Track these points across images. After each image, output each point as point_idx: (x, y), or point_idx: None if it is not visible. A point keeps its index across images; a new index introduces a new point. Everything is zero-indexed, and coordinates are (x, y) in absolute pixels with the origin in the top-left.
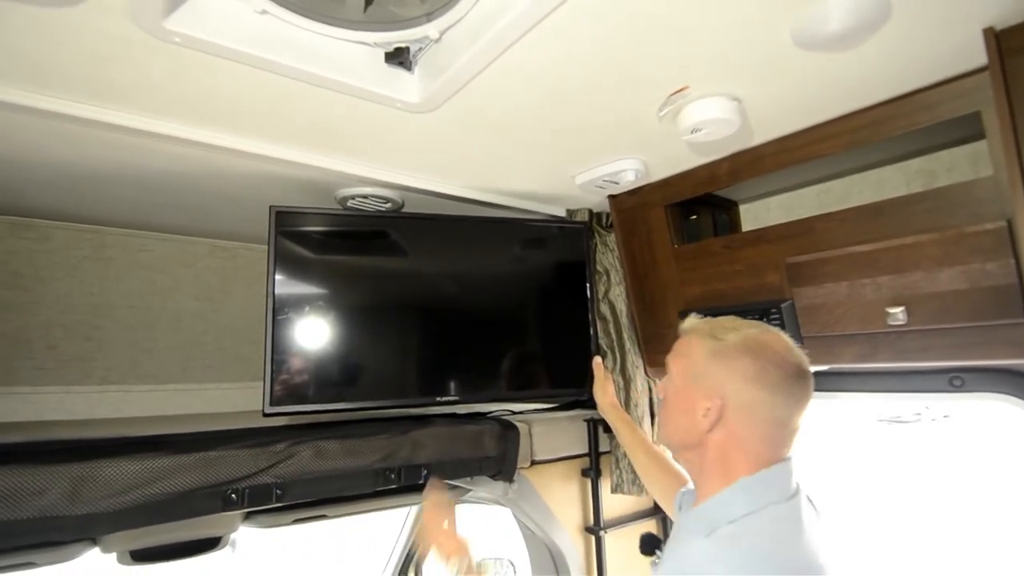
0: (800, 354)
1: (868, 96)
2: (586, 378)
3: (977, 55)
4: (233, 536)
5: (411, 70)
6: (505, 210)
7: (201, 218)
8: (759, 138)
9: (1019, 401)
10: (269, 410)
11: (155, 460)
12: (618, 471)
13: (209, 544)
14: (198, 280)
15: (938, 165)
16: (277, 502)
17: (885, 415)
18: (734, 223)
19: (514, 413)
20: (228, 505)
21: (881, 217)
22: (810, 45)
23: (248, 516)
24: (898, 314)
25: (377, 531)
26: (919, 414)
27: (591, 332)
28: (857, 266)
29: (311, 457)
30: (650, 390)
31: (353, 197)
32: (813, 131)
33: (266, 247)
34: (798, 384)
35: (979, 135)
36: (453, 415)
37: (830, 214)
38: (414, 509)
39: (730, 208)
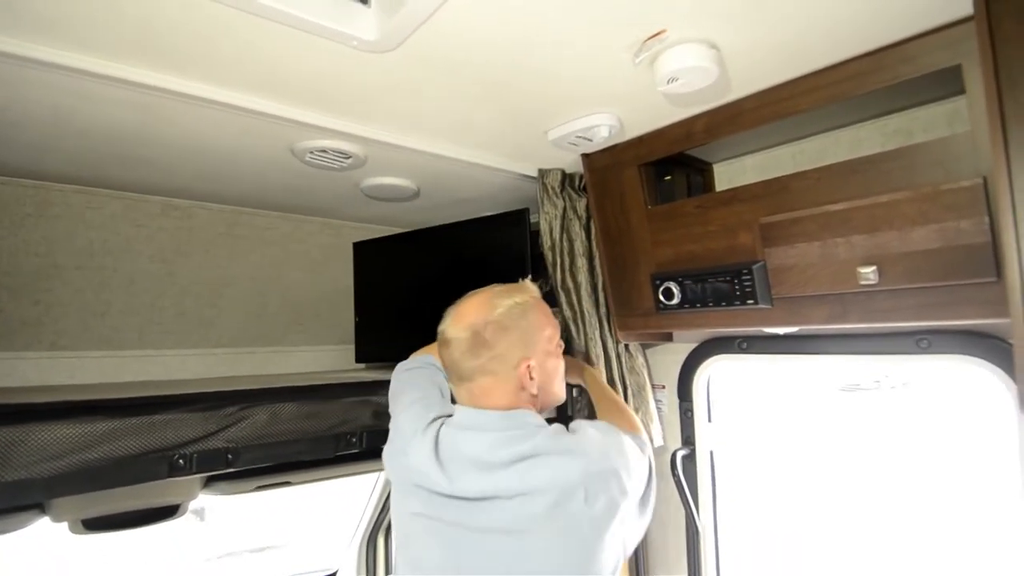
0: (447, 322)
1: (850, 47)
2: None
3: (963, 3)
4: (201, 506)
5: (367, 2)
6: (473, 167)
7: (151, 172)
8: (737, 92)
9: (982, 362)
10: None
11: (93, 424)
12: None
13: (167, 512)
14: (152, 241)
15: (915, 125)
16: (229, 467)
17: (845, 384)
18: (708, 184)
19: None
20: (175, 471)
21: (856, 175)
22: None
23: (208, 483)
24: (869, 274)
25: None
26: (878, 382)
27: None
28: (830, 225)
29: (266, 421)
30: (618, 356)
31: (311, 151)
32: (794, 84)
33: (223, 206)
34: (443, 346)
35: (957, 92)
36: None
37: (805, 172)
38: (382, 475)
39: (704, 169)
